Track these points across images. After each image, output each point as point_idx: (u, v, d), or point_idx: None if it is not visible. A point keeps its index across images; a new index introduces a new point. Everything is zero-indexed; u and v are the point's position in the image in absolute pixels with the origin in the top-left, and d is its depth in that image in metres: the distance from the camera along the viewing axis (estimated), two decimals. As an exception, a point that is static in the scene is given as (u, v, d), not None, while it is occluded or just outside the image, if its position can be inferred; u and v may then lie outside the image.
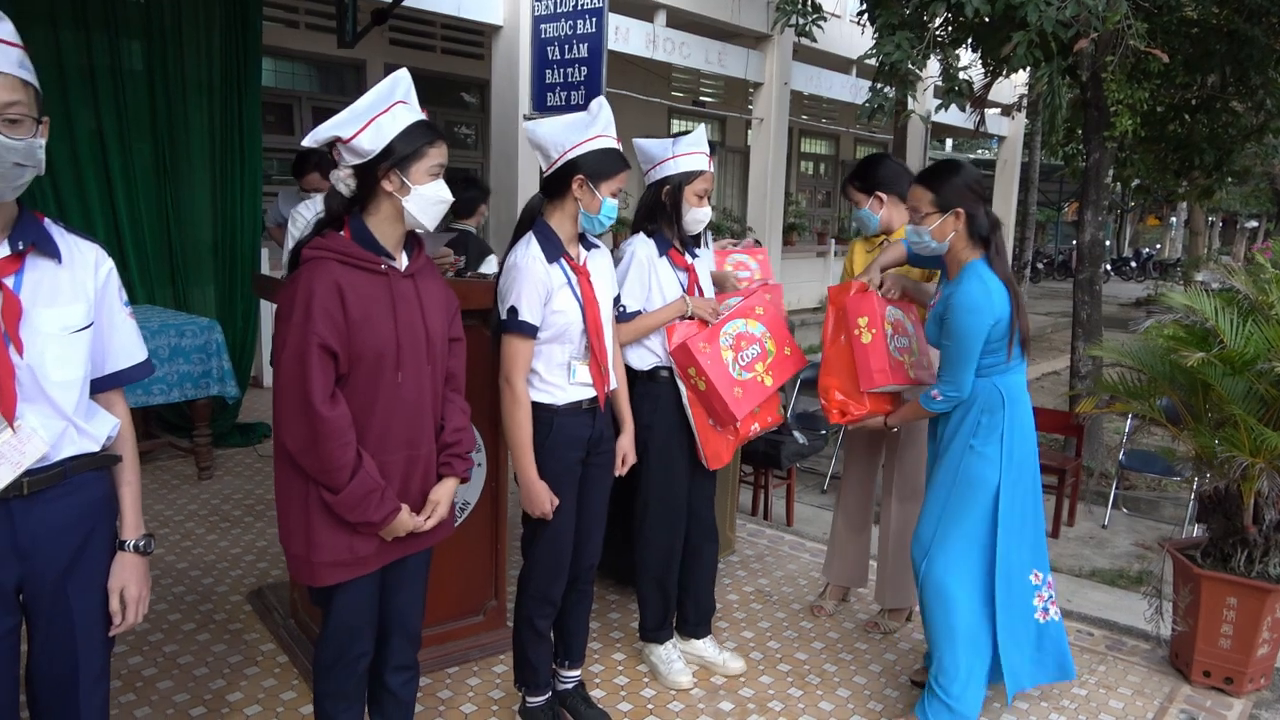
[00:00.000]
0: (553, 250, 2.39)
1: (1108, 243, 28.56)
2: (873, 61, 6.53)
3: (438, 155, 1.94)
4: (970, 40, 7.02)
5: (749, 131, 13.69)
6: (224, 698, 2.74)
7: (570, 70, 7.76)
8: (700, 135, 2.79)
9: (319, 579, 1.96)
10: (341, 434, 1.85)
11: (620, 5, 8.36)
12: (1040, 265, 23.83)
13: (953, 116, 9.96)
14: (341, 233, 1.96)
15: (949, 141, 23.48)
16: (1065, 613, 3.31)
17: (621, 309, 2.67)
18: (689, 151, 2.76)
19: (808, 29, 6.81)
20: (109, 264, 1.68)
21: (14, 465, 1.50)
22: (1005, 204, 17.26)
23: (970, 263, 2.53)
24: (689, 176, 2.74)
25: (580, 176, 2.34)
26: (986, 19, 6.11)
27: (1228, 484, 2.79)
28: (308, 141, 1.99)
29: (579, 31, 7.63)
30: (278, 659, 2.99)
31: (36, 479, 1.53)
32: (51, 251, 1.57)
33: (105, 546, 1.69)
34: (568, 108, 7.91)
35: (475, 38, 9.50)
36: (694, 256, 2.83)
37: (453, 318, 2.13)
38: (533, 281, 2.33)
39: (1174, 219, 31.30)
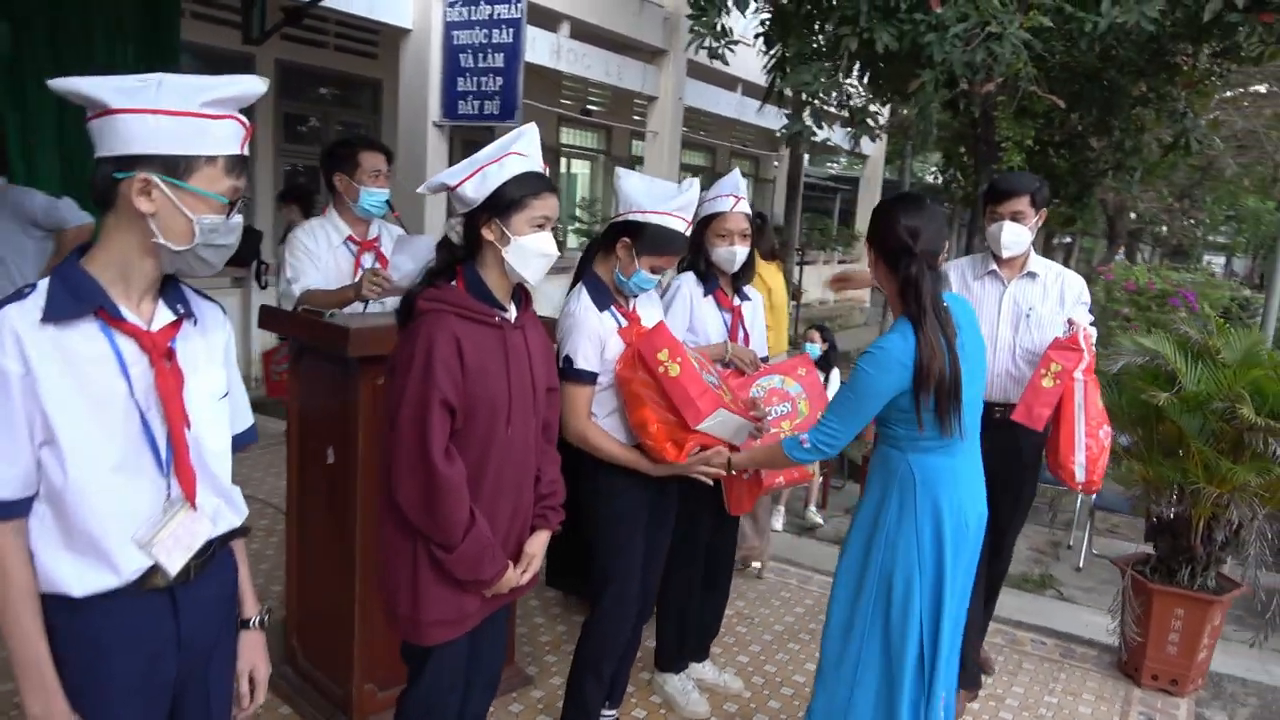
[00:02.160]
0: (602, 299, 2.42)
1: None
2: (789, 89, 6.79)
3: (543, 207, 1.93)
4: (874, 73, 7.42)
5: (634, 142, 13.90)
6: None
7: (484, 79, 7.66)
8: (731, 178, 2.89)
9: (427, 638, 1.92)
10: (458, 491, 1.83)
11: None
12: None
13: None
14: (453, 283, 1.93)
15: (805, 157, 24.58)
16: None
17: None
18: (715, 195, 2.86)
19: (720, 52, 6.99)
20: (229, 324, 1.60)
21: (186, 549, 1.41)
22: (868, 216, 18.18)
23: (902, 318, 2.16)
24: (711, 218, 2.84)
25: (627, 240, 2.39)
26: (894, 52, 6.43)
27: (1184, 509, 3.13)
28: (422, 189, 1.96)
29: (494, 40, 7.53)
30: (279, 710, 2.86)
31: (199, 561, 1.45)
32: (191, 313, 1.49)
33: (235, 626, 1.61)
34: (480, 117, 7.81)
35: (370, 36, 9.20)
36: (743, 299, 2.92)
37: (550, 367, 2.14)
38: (586, 331, 2.36)
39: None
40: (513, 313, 2.00)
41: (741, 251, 2.85)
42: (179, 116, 1.31)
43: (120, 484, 1.36)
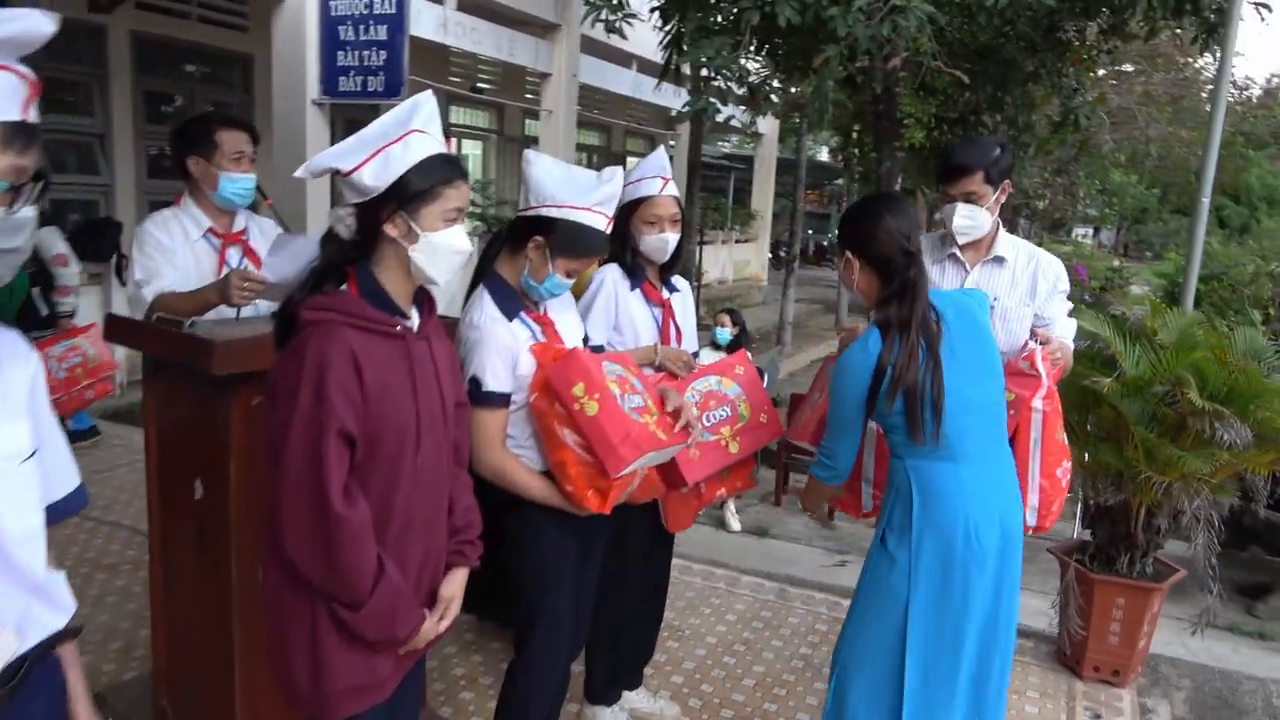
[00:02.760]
0: (510, 305, 2.10)
1: (836, 232, 31.10)
2: (688, 66, 6.55)
3: (457, 197, 1.62)
4: (775, 49, 7.25)
5: (527, 121, 13.45)
6: None
7: (367, 53, 7.13)
8: (657, 157, 2.60)
9: (335, 711, 1.60)
10: (363, 537, 1.51)
11: (410, -16, 7.81)
12: (782, 254, 25.52)
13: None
14: (344, 287, 1.59)
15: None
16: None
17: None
18: (639, 178, 2.56)
19: (618, 26, 6.71)
20: (35, 357, 1.21)
21: None
22: (764, 195, 18.25)
23: (871, 326, 2.07)
24: (637, 203, 2.54)
25: (540, 240, 2.06)
26: (796, 27, 6.25)
27: (1124, 496, 3.02)
28: (301, 173, 1.59)
29: (376, 11, 7.02)
30: (151, 782, 2.45)
31: (6, 689, 1.08)
32: None
33: None
34: (364, 94, 7.28)
35: (238, 6, 8.51)
36: (671, 290, 2.63)
37: (458, 379, 1.82)
38: (494, 345, 2.04)
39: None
40: (415, 319, 1.68)
41: (673, 239, 2.56)
42: None
43: None
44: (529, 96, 12.81)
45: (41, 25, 1.03)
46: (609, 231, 2.14)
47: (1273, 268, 8.80)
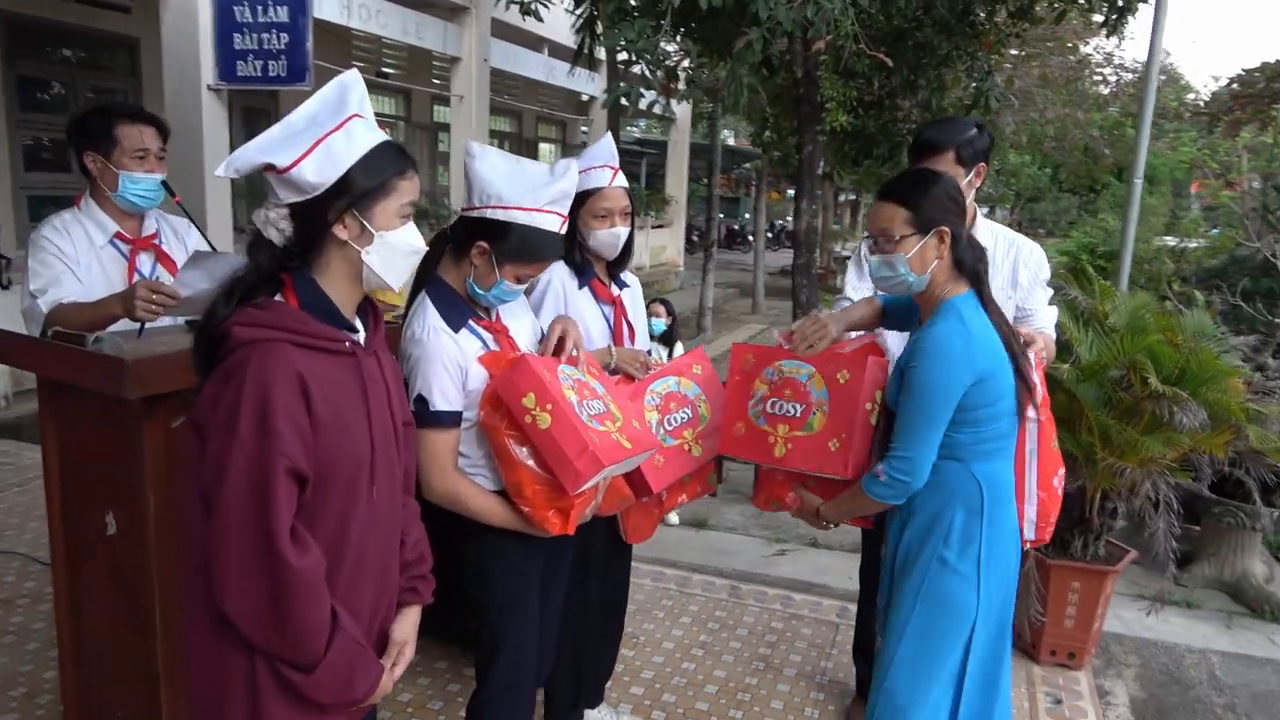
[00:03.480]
0: (456, 315, 1.90)
1: (746, 215, 31.45)
2: (605, 49, 6.38)
3: (410, 190, 1.44)
4: (690, 30, 7.14)
5: (436, 107, 13.04)
6: None
7: (266, 36, 6.72)
8: (604, 146, 2.42)
9: None
10: (315, 587, 1.33)
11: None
12: (695, 238, 25.62)
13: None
14: (279, 298, 1.38)
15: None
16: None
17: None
18: (587, 167, 2.38)
19: (533, 7, 6.53)
20: None
21: None
22: (678, 180, 18.19)
23: (951, 299, 1.93)
24: (584, 196, 2.36)
25: (484, 245, 1.86)
26: (717, 10, 6.13)
27: (1081, 482, 3.01)
28: (222, 171, 1.37)
29: (275, -8, 6.61)
30: None
31: None
32: None
33: None
34: (265, 80, 6.87)
35: (121, -14, 7.96)
36: (621, 287, 2.47)
37: (405, 397, 1.63)
38: (441, 360, 1.84)
39: (791, 193, 35.17)
40: (362, 333, 1.48)
41: (623, 232, 2.40)
42: None
43: None
44: (436, 82, 12.42)
45: None
46: (563, 231, 1.96)
47: (1171, 244, 9.16)
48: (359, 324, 1.49)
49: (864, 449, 2.07)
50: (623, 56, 6.42)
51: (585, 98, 14.86)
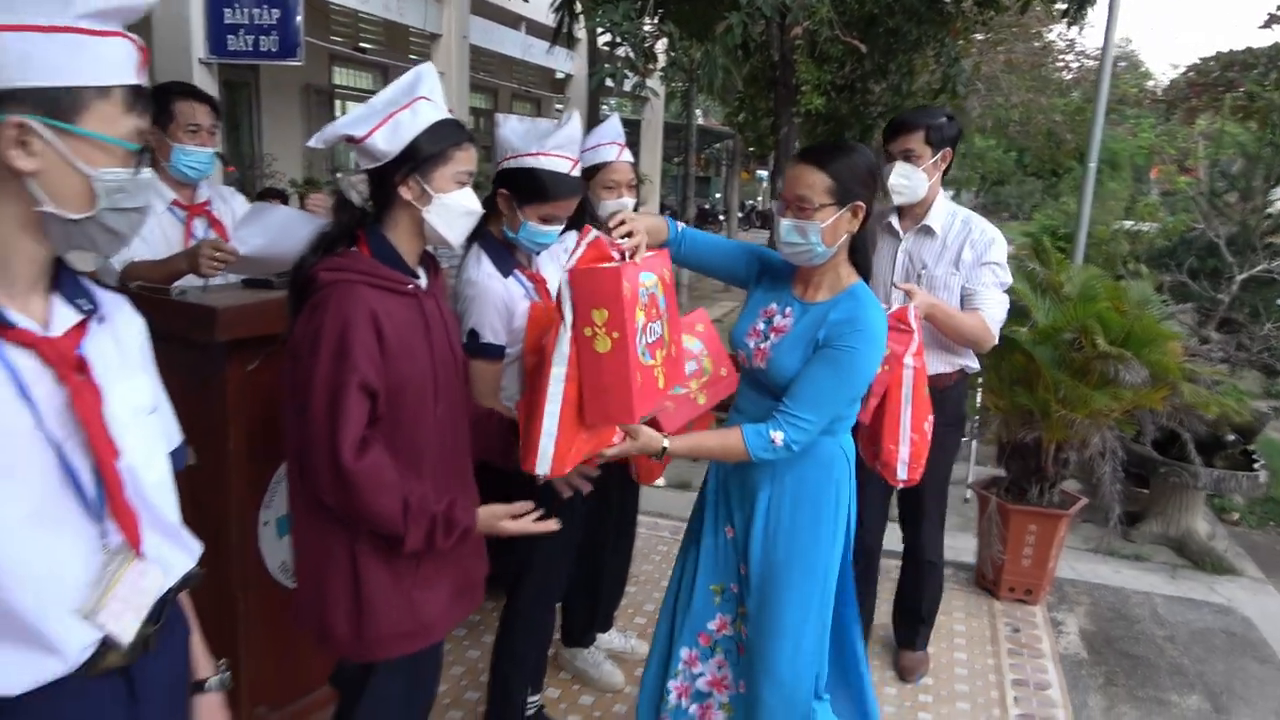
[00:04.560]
0: (505, 263, 2.19)
1: (718, 195, 31.76)
2: (588, 30, 6.57)
3: (466, 160, 1.69)
4: (668, 12, 7.36)
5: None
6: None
7: (258, 11, 6.84)
8: (612, 125, 2.69)
9: (376, 654, 1.67)
10: (375, 484, 1.57)
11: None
12: (668, 216, 25.82)
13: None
14: (355, 249, 1.65)
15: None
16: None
17: None
18: (595, 144, 2.65)
19: (520, -14, 6.67)
20: (141, 318, 1.26)
21: (137, 610, 1.10)
22: (652, 159, 18.38)
23: (857, 284, 1.95)
24: (594, 170, 2.64)
25: (504, 192, 2.15)
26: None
27: (1038, 434, 3.35)
28: (314, 142, 1.64)
29: (267, -33, 6.74)
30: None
31: (154, 626, 1.14)
32: (98, 309, 1.14)
33: (186, 692, 1.30)
34: (256, 54, 7.00)
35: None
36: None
37: (458, 336, 1.90)
38: (491, 300, 2.13)
39: (761, 173, 35.51)
40: (424, 279, 1.75)
41: (629, 203, 2.67)
42: (51, 33, 0.96)
43: (40, 540, 1.02)
44: (414, 58, 12.51)
45: None
46: (576, 174, 2.20)
47: (1127, 226, 9.60)
48: (421, 272, 1.75)
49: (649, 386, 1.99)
50: (605, 38, 6.64)
51: (560, 75, 15.02)
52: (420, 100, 1.65)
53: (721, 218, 26.60)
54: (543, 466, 1.72)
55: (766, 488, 2.01)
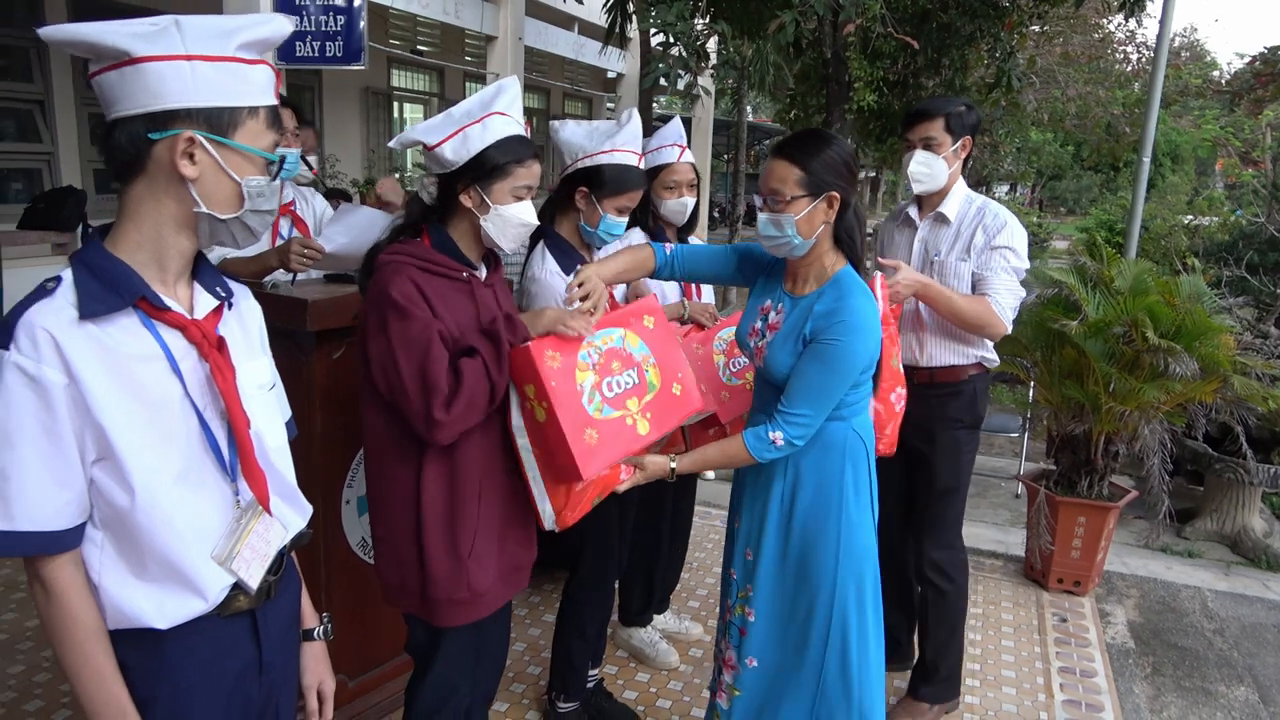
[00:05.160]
0: (568, 260, 2.33)
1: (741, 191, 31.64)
2: (645, 30, 6.69)
3: (527, 175, 1.82)
4: (719, 11, 7.45)
5: (468, 84, 13.38)
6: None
7: (324, 19, 7.11)
8: (674, 127, 2.82)
9: (435, 618, 1.83)
10: (465, 413, 1.69)
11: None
12: (717, 214, 25.90)
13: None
14: (418, 239, 1.81)
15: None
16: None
17: None
18: (658, 146, 2.79)
19: (577, -12, 6.80)
20: (258, 306, 1.42)
21: (263, 560, 1.26)
22: (703, 157, 18.44)
23: (842, 271, 1.93)
24: (657, 170, 2.78)
25: (584, 189, 2.29)
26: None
27: (1086, 426, 3.40)
28: (394, 144, 1.80)
29: (333, -25, 6.99)
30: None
31: (276, 575, 1.30)
32: (230, 296, 1.31)
33: (299, 641, 1.46)
34: (322, 60, 7.26)
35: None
36: None
37: (520, 327, 2.03)
38: (554, 297, 2.27)
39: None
40: (483, 272, 1.89)
41: (690, 202, 2.81)
42: (217, 63, 1.14)
43: (187, 497, 1.19)
44: (469, 59, 12.77)
45: (285, 26, 1.22)
46: (642, 167, 2.38)
47: (1186, 221, 9.45)
48: (482, 266, 1.89)
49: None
50: (658, 39, 6.76)
51: (611, 74, 15.17)
52: (494, 115, 1.78)
53: (772, 214, 26.45)
54: (548, 523, 1.88)
55: (780, 479, 2.02)
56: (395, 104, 12.24)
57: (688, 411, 2.05)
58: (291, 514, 1.36)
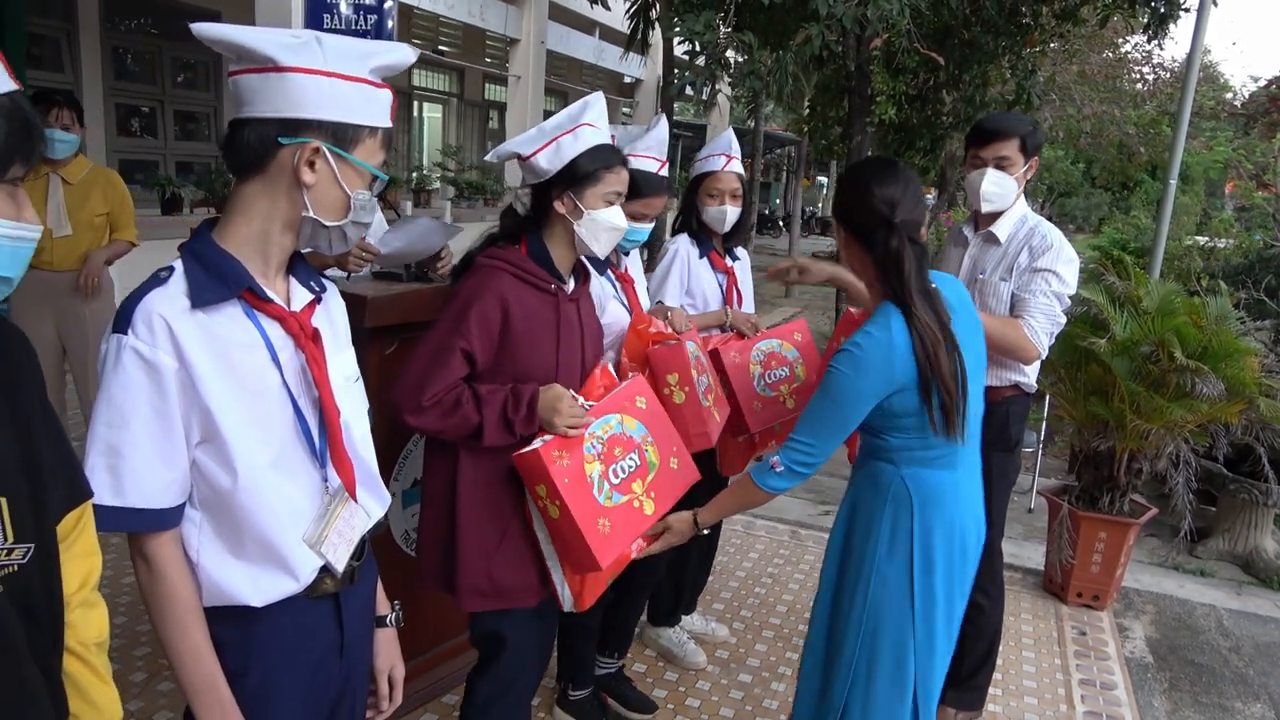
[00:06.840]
0: (596, 263, 2.36)
1: (777, 201, 31.77)
2: (675, 38, 6.77)
3: (616, 181, 1.90)
4: (742, 22, 7.52)
5: (487, 85, 13.47)
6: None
7: (354, 18, 7.19)
8: (725, 137, 2.87)
9: (462, 603, 1.90)
10: (442, 416, 1.77)
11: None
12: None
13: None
14: (516, 246, 1.89)
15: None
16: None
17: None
18: (707, 154, 2.85)
19: (600, -8, 6.89)
20: (343, 301, 1.48)
21: (349, 544, 1.32)
22: (716, 166, 18.49)
23: (883, 304, 1.80)
24: (702, 178, 2.82)
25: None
26: (776, 4, 6.49)
27: (1110, 443, 3.45)
28: (490, 157, 1.88)
29: (364, -25, 7.07)
30: None
31: (358, 561, 1.36)
32: (323, 292, 1.37)
33: (373, 623, 1.52)
34: (351, 58, 7.32)
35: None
36: (734, 259, 2.92)
37: (598, 346, 2.09)
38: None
39: (822, 179, 35.40)
40: (571, 286, 1.96)
41: (733, 211, 2.85)
42: (353, 82, 1.21)
43: (281, 481, 1.25)
44: (489, 60, 12.85)
45: (409, 56, 1.30)
46: (664, 173, 2.43)
47: (1201, 242, 9.49)
48: (570, 280, 1.96)
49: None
50: (684, 47, 6.84)
51: (629, 80, 15.27)
52: (584, 126, 1.86)
53: (782, 223, 26.62)
54: (567, 605, 1.97)
55: (846, 503, 1.98)
56: (415, 103, 12.32)
57: (687, 483, 2.11)
58: (373, 502, 1.41)
